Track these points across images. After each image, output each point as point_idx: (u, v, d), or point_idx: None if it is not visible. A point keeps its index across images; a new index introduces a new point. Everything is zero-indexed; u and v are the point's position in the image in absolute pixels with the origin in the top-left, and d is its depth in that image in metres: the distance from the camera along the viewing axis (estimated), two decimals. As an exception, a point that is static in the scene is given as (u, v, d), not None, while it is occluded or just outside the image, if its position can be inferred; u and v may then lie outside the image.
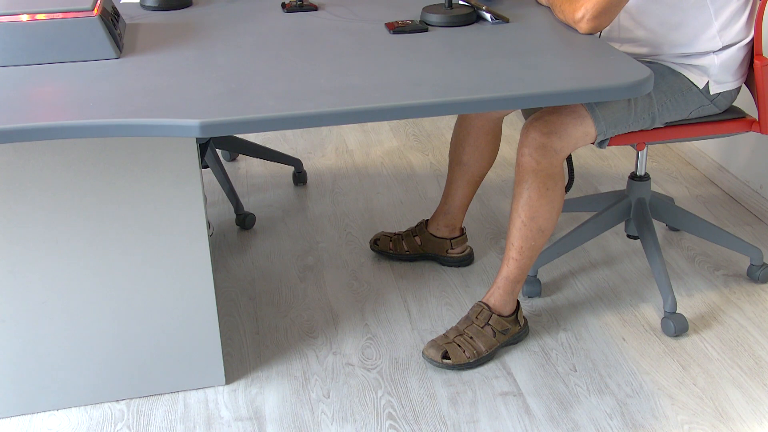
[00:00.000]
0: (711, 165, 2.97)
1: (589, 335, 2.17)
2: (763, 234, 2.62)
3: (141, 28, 2.03)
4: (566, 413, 1.91)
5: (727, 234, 2.36)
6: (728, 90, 2.10)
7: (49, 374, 1.93)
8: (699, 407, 1.91)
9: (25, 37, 1.74)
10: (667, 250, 2.54)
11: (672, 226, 2.61)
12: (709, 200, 2.84)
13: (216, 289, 1.93)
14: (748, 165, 2.76)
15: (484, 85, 1.62)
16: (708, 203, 2.81)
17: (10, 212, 1.76)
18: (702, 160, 3.02)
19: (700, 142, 3.03)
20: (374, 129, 3.53)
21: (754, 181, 2.73)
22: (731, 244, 2.37)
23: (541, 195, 1.97)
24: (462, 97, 1.56)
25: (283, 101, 1.55)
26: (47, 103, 1.55)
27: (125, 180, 1.79)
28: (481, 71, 1.68)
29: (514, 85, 1.62)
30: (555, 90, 1.60)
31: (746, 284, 2.37)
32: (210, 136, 1.63)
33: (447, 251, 2.48)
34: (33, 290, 1.84)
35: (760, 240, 2.57)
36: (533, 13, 2.06)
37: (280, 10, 2.17)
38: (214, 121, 1.47)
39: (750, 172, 2.75)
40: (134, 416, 1.94)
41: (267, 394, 1.99)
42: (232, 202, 2.77)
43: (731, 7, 1.99)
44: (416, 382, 2.01)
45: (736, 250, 2.40)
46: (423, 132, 3.48)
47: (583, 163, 3.14)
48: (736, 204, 2.80)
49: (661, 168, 3.07)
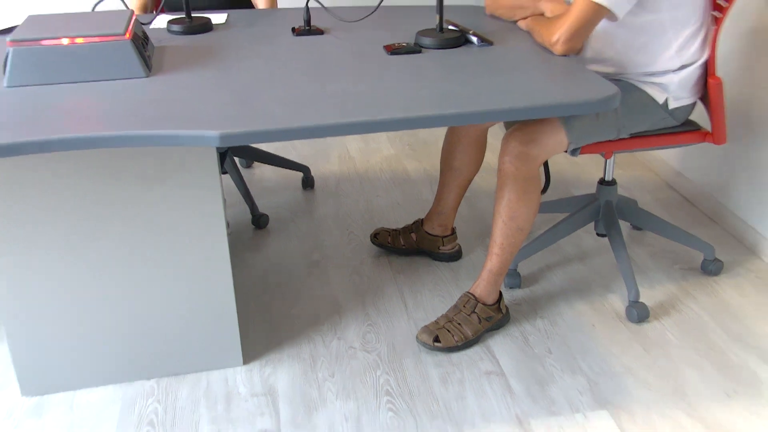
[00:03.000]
0: (670, 172, 2.97)
1: (563, 322, 2.18)
2: (715, 233, 2.62)
3: (168, 50, 2.03)
4: (543, 391, 1.91)
5: (684, 233, 2.37)
6: (685, 105, 2.10)
7: (89, 355, 1.94)
8: (659, 385, 1.92)
9: (65, 59, 1.74)
10: (632, 246, 2.55)
11: (636, 226, 2.63)
12: (669, 203, 2.84)
13: (234, 281, 1.94)
14: (703, 172, 2.76)
15: (471, 100, 1.61)
16: (667, 205, 2.82)
17: (62, 210, 1.78)
18: (662, 168, 3.03)
19: (660, 151, 3.04)
20: (374, 139, 3.53)
21: (708, 186, 2.73)
22: (687, 242, 2.38)
23: (519, 197, 1.98)
24: (452, 111, 1.57)
25: (292, 115, 1.55)
26: (85, 117, 1.56)
27: (155, 184, 1.80)
28: (468, 88, 1.69)
29: (498, 100, 1.62)
30: (533, 105, 1.60)
31: (701, 277, 2.38)
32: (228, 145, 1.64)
33: (439, 248, 2.48)
34: (78, 281, 1.85)
35: (712, 238, 2.58)
36: (515, 36, 2.07)
37: (290, 34, 2.18)
38: (232, 132, 1.48)
39: (704, 179, 2.75)
40: (163, 392, 1.95)
41: (279, 374, 2.00)
42: (248, 204, 2.77)
43: (687, 32, 1.99)
44: (411, 364, 2.02)
45: (692, 247, 2.40)
46: (417, 141, 3.48)
47: (558, 169, 3.14)
48: (692, 206, 2.81)
49: (627, 174, 3.07)
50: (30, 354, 1.91)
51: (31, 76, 1.74)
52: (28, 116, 1.56)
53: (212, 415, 1.86)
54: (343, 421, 1.83)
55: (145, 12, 2.67)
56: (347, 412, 1.86)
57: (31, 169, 1.73)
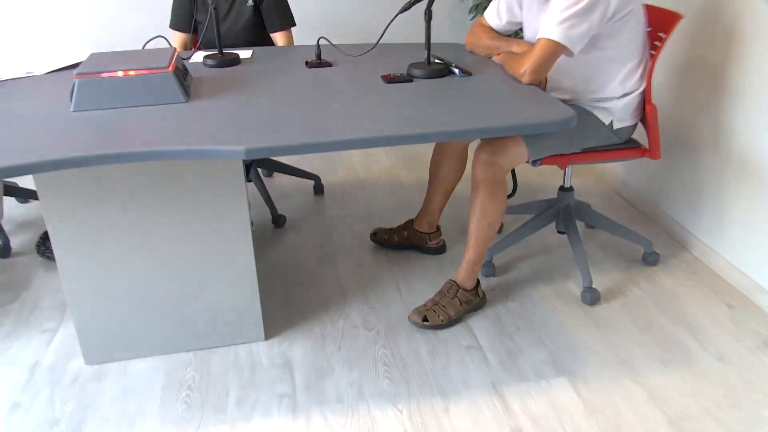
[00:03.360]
0: (617, 180, 2.97)
1: (530, 304, 2.18)
2: (653, 230, 2.63)
3: (203, 80, 2.03)
4: (513, 361, 1.92)
5: (628, 230, 2.37)
6: (627, 126, 2.11)
7: (139, 331, 1.94)
8: (608, 356, 1.93)
9: (120, 88, 1.75)
10: (586, 242, 2.55)
11: (589, 225, 2.62)
12: (616, 206, 2.84)
13: (257, 271, 1.92)
14: (643, 181, 2.77)
15: (453, 121, 1.62)
16: (614, 208, 2.82)
17: (118, 211, 1.78)
18: (611, 177, 3.03)
19: (609, 164, 3.03)
20: (373, 153, 3.52)
21: (647, 192, 2.73)
22: (631, 238, 2.38)
23: (489, 199, 1.98)
24: (438, 130, 1.57)
25: (306, 133, 1.56)
26: (136, 136, 1.56)
27: (192, 190, 1.80)
28: (451, 111, 1.69)
29: (476, 121, 1.62)
30: (505, 125, 1.60)
31: (642, 267, 2.38)
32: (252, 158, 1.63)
33: (427, 243, 2.48)
34: (131, 270, 1.86)
35: (651, 235, 2.58)
36: (490, 69, 2.07)
37: (304, 66, 2.18)
38: (256, 147, 1.48)
39: (644, 186, 2.76)
40: (199, 362, 1.96)
41: (295, 348, 2.00)
42: (269, 207, 2.77)
43: (629, 66, 2.00)
44: (404, 339, 2.03)
45: (634, 242, 2.40)
46: (409, 155, 3.47)
47: (525, 178, 3.13)
48: (634, 209, 2.81)
49: (582, 182, 3.07)
50: (91, 330, 1.92)
51: (92, 102, 1.74)
52: (91, 135, 1.57)
53: (240, 382, 1.87)
54: (348, 387, 1.84)
55: (186, 49, 2.68)
56: (351, 379, 1.87)
57: (92, 177, 1.74)
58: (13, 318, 2.19)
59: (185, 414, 1.77)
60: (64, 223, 1.78)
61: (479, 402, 1.78)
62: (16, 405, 1.82)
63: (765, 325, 2.05)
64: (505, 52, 2.09)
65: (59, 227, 1.78)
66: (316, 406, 1.78)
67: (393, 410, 1.76)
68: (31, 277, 2.43)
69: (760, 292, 2.15)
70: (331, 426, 1.72)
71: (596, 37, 1.92)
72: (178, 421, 1.75)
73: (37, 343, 2.06)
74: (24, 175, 1.43)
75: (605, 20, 1.87)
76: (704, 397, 1.77)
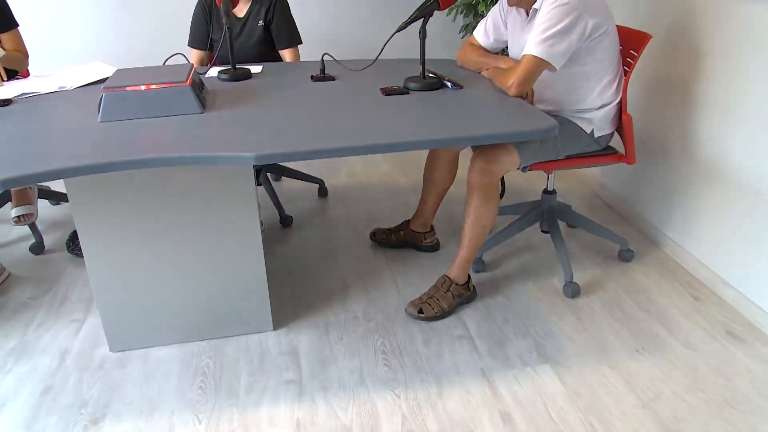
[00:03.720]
0: (596, 183, 2.97)
1: (517, 297, 2.18)
2: (628, 230, 2.62)
3: (218, 92, 2.03)
4: (501, 350, 1.92)
5: (606, 229, 2.36)
6: (606, 134, 2.11)
7: (159, 322, 1.95)
8: (588, 344, 1.93)
9: (142, 100, 1.76)
10: (568, 240, 2.55)
11: (571, 224, 2.62)
12: (594, 207, 2.84)
13: (266, 266, 1.93)
14: (619, 184, 2.77)
15: (446, 130, 1.62)
16: (593, 209, 2.82)
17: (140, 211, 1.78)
18: (590, 181, 3.03)
19: (588, 169, 3.04)
20: (373, 159, 3.52)
21: (623, 195, 2.73)
22: (608, 236, 2.38)
23: (483, 203, 1.98)
24: (432, 138, 1.57)
25: (311, 140, 1.56)
26: (157, 143, 1.56)
27: (207, 193, 1.81)
28: (444, 120, 1.69)
29: (466, 129, 1.62)
30: (493, 133, 1.61)
31: (618, 263, 2.38)
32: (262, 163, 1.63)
33: (422, 241, 2.48)
34: (151, 266, 1.86)
35: (626, 234, 2.58)
36: (479, 82, 2.07)
37: (310, 80, 2.18)
38: (265, 153, 1.49)
39: (620, 189, 2.76)
40: (213, 350, 1.96)
41: (301, 337, 2.00)
42: (277, 208, 2.77)
43: (606, 80, 2.01)
44: (401, 329, 2.03)
45: (611, 240, 2.40)
46: (406, 161, 3.47)
47: (513, 182, 3.14)
48: (611, 210, 2.80)
49: (564, 186, 3.07)
50: (116, 321, 1.92)
51: (117, 113, 1.75)
52: (117, 143, 1.57)
53: (250, 369, 1.87)
54: (349, 373, 1.84)
55: (202, 65, 2.68)
56: (352, 366, 1.87)
57: (118, 181, 1.74)
58: (45, 309, 2.19)
59: (200, 397, 1.77)
60: (92, 223, 1.78)
61: (470, 387, 1.78)
62: (48, 388, 1.82)
63: (728, 316, 2.06)
64: (493, 68, 2.09)
65: (87, 227, 1.79)
66: (320, 391, 1.78)
67: (391, 395, 1.76)
68: (62, 272, 2.43)
69: (723, 286, 2.15)
70: (334, 409, 1.71)
71: (576, 53, 1.92)
72: (194, 404, 1.75)
73: (66, 332, 2.06)
74: (56, 179, 1.44)
75: (583, 39, 1.88)
76: (673, 381, 1.78)
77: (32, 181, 1.40)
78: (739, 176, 2.06)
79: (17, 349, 1.98)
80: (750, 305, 2.03)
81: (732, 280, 2.12)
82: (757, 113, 1.96)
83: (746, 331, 1.98)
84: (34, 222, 2.60)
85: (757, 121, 1.96)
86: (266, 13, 2.58)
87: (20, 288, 2.32)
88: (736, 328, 1.99)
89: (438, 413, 1.69)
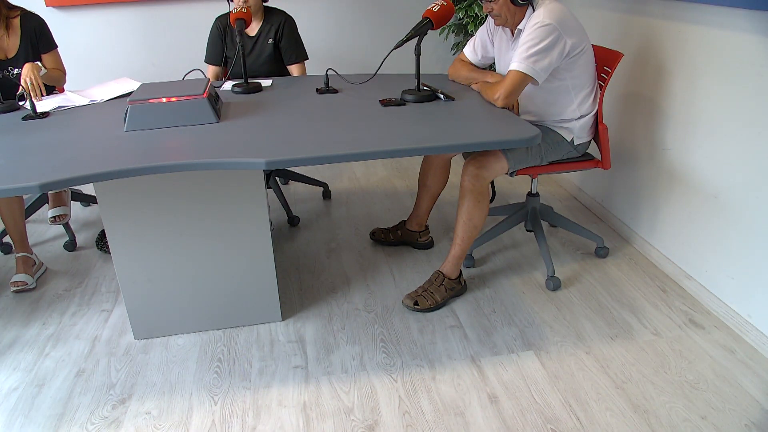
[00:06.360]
0: (574, 187, 2.96)
1: (503, 290, 2.17)
2: (603, 228, 2.61)
3: (232, 104, 2.03)
4: (489, 337, 1.92)
5: (584, 228, 2.36)
6: (584, 142, 2.11)
7: (179, 312, 1.94)
8: (566, 332, 1.93)
9: (164, 112, 1.76)
10: (549, 238, 2.54)
11: (552, 224, 2.57)
12: (573, 208, 2.83)
13: (275, 262, 1.91)
14: (595, 187, 2.76)
15: (439, 138, 1.61)
16: (572, 210, 2.81)
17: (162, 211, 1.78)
18: (569, 185, 3.02)
19: (567, 174, 3.04)
20: (372, 164, 3.51)
21: (599, 197, 2.73)
22: (586, 235, 2.37)
23: (474, 206, 1.97)
24: (426, 145, 1.57)
25: (316, 147, 1.55)
26: (177, 150, 1.56)
27: (222, 195, 1.80)
28: (437, 129, 1.69)
29: (458, 138, 1.62)
30: (481, 141, 1.61)
31: (594, 259, 2.37)
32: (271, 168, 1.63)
33: (417, 240, 2.47)
34: (171, 261, 1.86)
35: (601, 231, 2.57)
36: (469, 95, 2.06)
37: (315, 93, 2.17)
38: (274, 159, 1.48)
39: (596, 192, 2.75)
40: (227, 338, 1.95)
41: (307, 326, 2.00)
42: (285, 209, 2.76)
43: (583, 93, 2.01)
44: (398, 320, 2.02)
45: (588, 238, 2.39)
46: (402, 166, 3.46)
47: (500, 186, 3.13)
48: (588, 211, 2.79)
49: (546, 189, 3.06)
50: (140, 310, 1.91)
51: (141, 123, 1.75)
52: (141, 151, 1.57)
53: (261, 355, 1.87)
54: (351, 359, 1.84)
55: (218, 79, 2.68)
56: (354, 353, 1.86)
57: (141, 184, 1.74)
58: (77, 300, 2.19)
59: (216, 381, 1.77)
60: (118, 223, 1.78)
61: (460, 371, 1.77)
62: (81, 371, 1.82)
63: (690, 305, 2.06)
64: (481, 82, 2.08)
65: (114, 226, 1.79)
66: (325, 375, 1.78)
67: (389, 378, 1.76)
68: (92, 266, 2.43)
69: (686, 278, 2.16)
70: (337, 392, 1.71)
71: (556, 70, 1.92)
72: (210, 387, 1.74)
73: (96, 321, 2.06)
74: (87, 183, 1.44)
75: (563, 57, 1.88)
76: (643, 364, 1.78)
77: (66, 185, 1.40)
78: (698, 180, 2.06)
79: (54, 335, 1.99)
80: (709, 296, 2.04)
81: (693, 273, 2.13)
82: (712, 125, 1.96)
83: (706, 319, 1.98)
84: (68, 222, 2.62)
85: (712, 132, 1.97)
86: (276, 32, 2.58)
87: (56, 281, 2.32)
88: (697, 316, 1.99)
89: (431, 395, 1.69)
